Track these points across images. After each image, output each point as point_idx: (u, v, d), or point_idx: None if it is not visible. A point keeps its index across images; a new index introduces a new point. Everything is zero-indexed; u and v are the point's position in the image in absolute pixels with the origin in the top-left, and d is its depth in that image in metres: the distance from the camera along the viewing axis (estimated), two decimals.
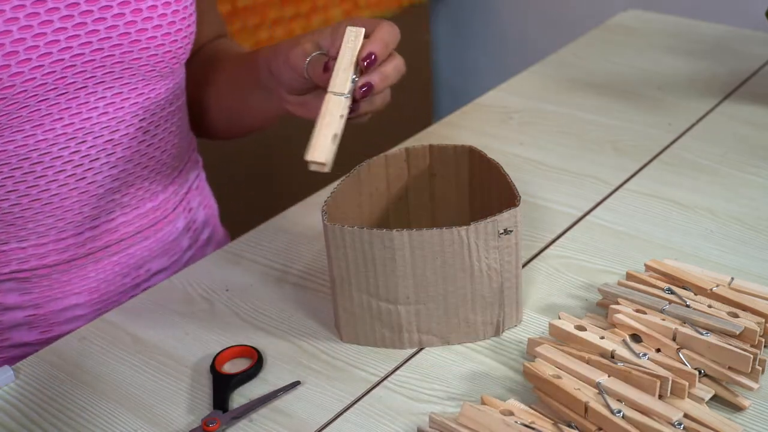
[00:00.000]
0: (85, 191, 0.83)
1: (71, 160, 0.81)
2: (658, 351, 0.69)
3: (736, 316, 0.71)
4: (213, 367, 0.75)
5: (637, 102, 1.16)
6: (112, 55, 0.79)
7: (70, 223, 0.83)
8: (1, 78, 0.72)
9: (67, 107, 0.78)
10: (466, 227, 0.71)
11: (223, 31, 1.03)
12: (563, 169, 1.02)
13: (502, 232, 0.72)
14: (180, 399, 0.73)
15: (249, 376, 0.74)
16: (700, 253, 0.85)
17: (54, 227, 0.83)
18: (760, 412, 0.67)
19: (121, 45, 0.79)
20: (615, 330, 0.71)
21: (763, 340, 0.69)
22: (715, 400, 0.67)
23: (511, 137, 1.10)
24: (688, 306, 0.72)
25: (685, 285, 0.76)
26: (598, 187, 0.98)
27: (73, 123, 0.79)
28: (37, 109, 0.77)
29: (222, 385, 0.73)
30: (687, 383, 0.65)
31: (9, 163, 0.78)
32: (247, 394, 0.73)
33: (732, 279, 0.76)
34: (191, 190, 0.97)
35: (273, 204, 1.14)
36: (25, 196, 0.80)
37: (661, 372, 0.65)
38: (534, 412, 0.66)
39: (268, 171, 1.94)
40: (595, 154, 1.05)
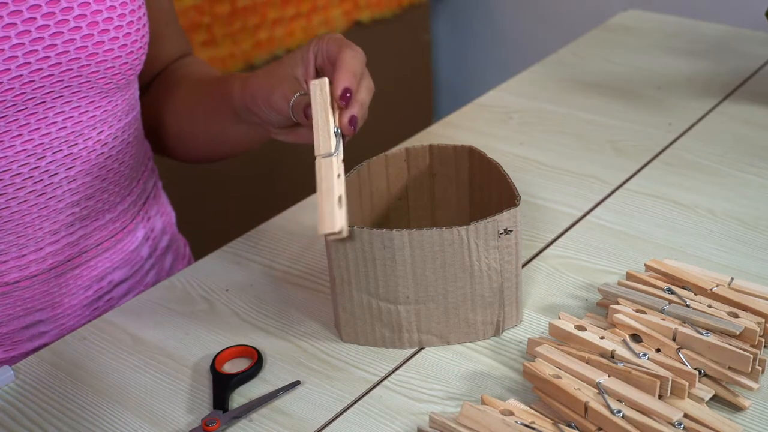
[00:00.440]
0: (45, 206, 0.82)
1: (31, 176, 0.80)
2: (658, 351, 0.69)
3: (736, 316, 0.71)
4: (213, 367, 0.75)
5: (637, 102, 1.16)
6: (69, 69, 0.78)
7: (31, 239, 0.82)
8: None
9: (26, 123, 0.78)
10: (466, 227, 0.71)
11: (187, 50, 1.01)
12: (563, 169, 1.02)
13: (502, 232, 0.72)
14: (180, 399, 0.73)
15: (249, 376, 0.74)
16: (700, 253, 0.85)
17: (15, 244, 0.81)
18: (760, 412, 0.67)
19: (78, 59, 0.78)
20: (615, 330, 0.71)
21: (763, 340, 0.69)
22: (715, 400, 0.67)
23: (511, 137, 1.10)
24: (688, 306, 0.72)
25: (685, 285, 0.76)
26: (598, 187, 0.98)
27: (32, 139, 0.78)
28: None
29: (222, 385, 0.73)
30: (687, 383, 0.65)
31: None
32: (247, 394, 0.73)
33: (732, 279, 0.76)
34: (149, 200, 0.97)
35: (273, 204, 1.14)
36: None
37: (661, 372, 0.65)
38: (534, 412, 0.66)
39: (268, 171, 1.94)
40: (595, 154, 1.05)
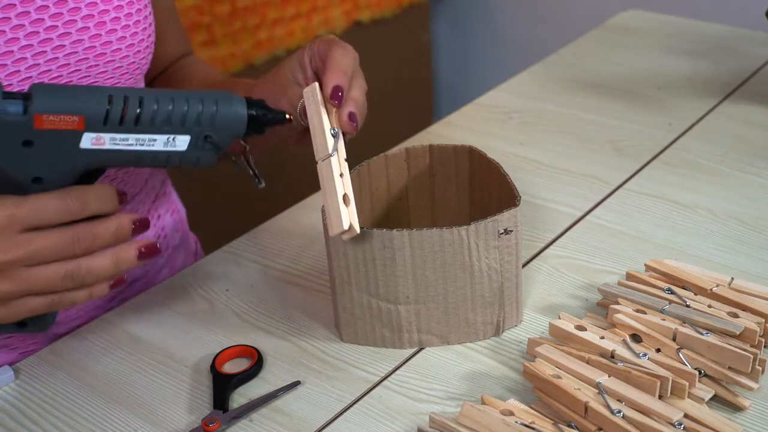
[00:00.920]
0: None
1: None
2: (658, 351, 0.69)
3: (736, 316, 0.71)
4: (213, 367, 0.75)
5: (637, 102, 1.16)
6: (78, 70, 0.78)
7: None
8: None
9: None
10: (466, 227, 0.71)
11: (188, 49, 1.01)
12: (563, 169, 1.02)
13: (502, 232, 0.72)
14: (180, 399, 0.73)
15: (249, 376, 0.74)
16: (700, 253, 0.85)
17: None
18: (760, 412, 0.67)
19: (87, 59, 0.78)
20: (615, 330, 0.71)
21: (763, 340, 0.69)
22: (715, 400, 0.67)
23: (511, 137, 1.10)
24: (688, 306, 0.72)
25: (685, 285, 0.76)
26: (598, 187, 0.98)
27: None
28: None
29: (222, 385, 0.73)
30: (687, 383, 0.65)
31: None
32: (247, 394, 0.73)
33: (732, 279, 0.76)
34: (158, 197, 0.97)
35: (273, 204, 1.14)
36: None
37: (661, 372, 0.65)
38: (534, 412, 0.66)
39: (268, 171, 1.94)
40: (595, 154, 1.05)
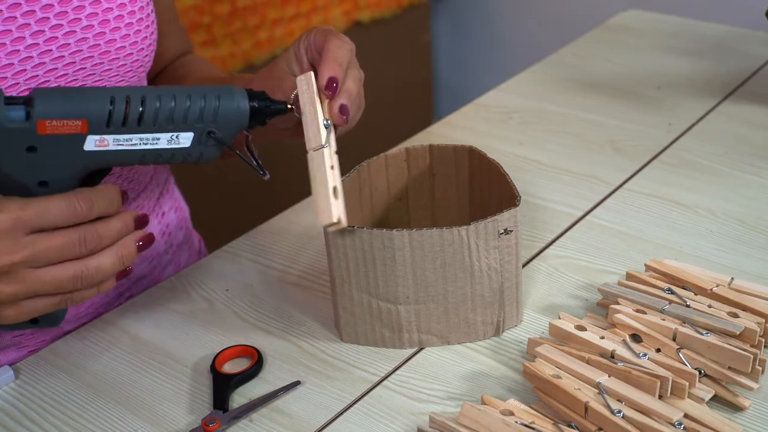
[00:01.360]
0: None
1: None
2: (658, 351, 0.69)
3: (736, 316, 0.71)
4: (213, 367, 0.75)
5: (637, 102, 1.16)
6: (83, 68, 0.79)
7: None
8: None
9: None
10: (466, 227, 0.71)
11: (188, 47, 1.02)
12: (563, 169, 1.02)
13: (502, 232, 0.72)
14: (180, 399, 0.73)
15: (249, 376, 0.74)
16: (700, 253, 0.85)
17: None
18: (760, 412, 0.67)
19: (92, 57, 0.79)
20: (615, 330, 0.71)
21: (763, 340, 0.69)
22: (715, 400, 0.67)
23: (511, 137, 1.10)
24: (688, 306, 0.72)
25: (685, 285, 0.76)
26: (598, 187, 0.98)
27: None
28: None
29: (222, 385, 0.73)
30: (687, 383, 0.65)
31: None
32: (247, 394, 0.73)
33: (732, 279, 0.76)
34: (162, 195, 0.97)
35: (273, 204, 1.14)
36: None
37: (661, 372, 0.65)
38: (534, 412, 0.66)
39: (268, 171, 1.94)
40: (595, 154, 1.05)
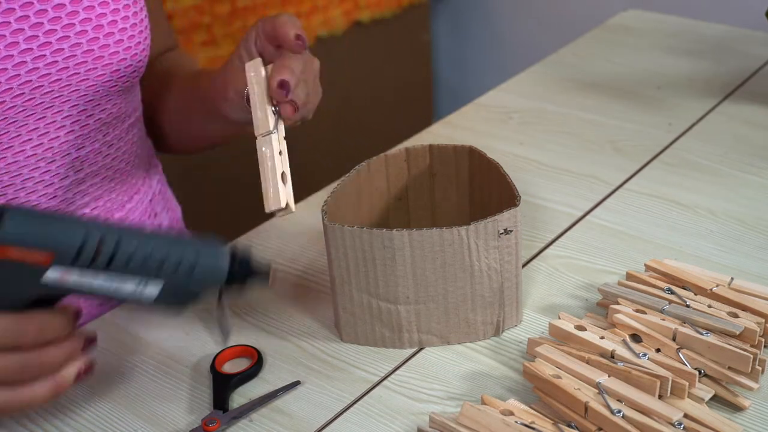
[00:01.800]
0: (57, 209, 0.83)
1: (42, 180, 0.81)
2: (658, 351, 0.69)
3: (736, 316, 0.71)
4: (213, 367, 0.75)
5: (637, 102, 1.16)
6: (77, 73, 0.79)
7: None
8: None
9: (35, 128, 0.78)
10: (466, 227, 0.71)
11: (172, 44, 1.01)
12: (563, 169, 1.02)
13: (502, 232, 0.72)
14: (180, 399, 0.73)
15: (249, 376, 0.74)
16: (700, 253, 0.85)
17: None
18: (760, 412, 0.67)
19: (85, 62, 0.79)
20: (615, 330, 0.71)
21: (763, 340, 0.69)
22: (715, 400, 0.67)
23: (511, 137, 1.10)
24: (688, 306, 0.72)
25: (685, 285, 0.76)
26: (598, 187, 0.98)
27: (42, 143, 0.79)
28: (6, 132, 0.77)
29: (222, 385, 0.73)
30: (687, 383, 0.65)
31: None
32: (247, 394, 0.73)
33: (732, 279, 0.76)
34: (155, 196, 0.97)
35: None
36: None
37: (661, 372, 0.65)
38: (534, 412, 0.66)
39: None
40: (595, 154, 1.05)
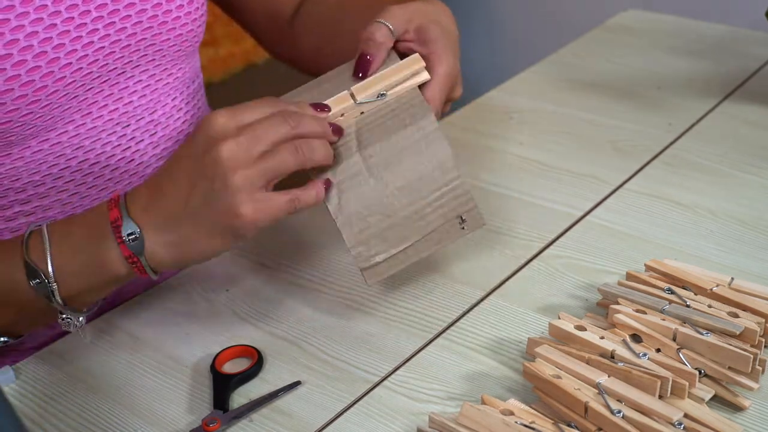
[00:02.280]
0: (135, 172, 0.87)
1: (119, 144, 0.85)
2: (659, 351, 0.69)
3: (736, 316, 0.70)
4: (213, 367, 0.75)
5: (637, 102, 1.16)
6: (144, 39, 0.83)
7: None
8: (53, 71, 0.76)
9: (110, 93, 0.83)
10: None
11: None
12: (563, 169, 1.02)
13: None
14: (180, 399, 0.73)
15: (249, 376, 0.74)
16: (700, 253, 0.85)
17: None
18: (760, 412, 0.67)
19: (151, 27, 0.83)
20: (615, 330, 0.71)
21: (763, 340, 0.69)
22: (715, 400, 0.67)
23: (511, 137, 1.10)
24: (688, 306, 0.72)
25: (685, 285, 0.76)
26: (598, 187, 0.98)
27: (117, 108, 0.84)
28: (85, 99, 0.81)
29: (222, 385, 0.73)
30: (687, 383, 0.65)
31: (64, 154, 0.82)
32: (247, 394, 0.73)
33: (732, 279, 0.76)
34: None
35: None
36: (82, 184, 0.84)
37: (662, 372, 0.65)
38: (534, 412, 0.66)
39: None
40: (595, 154, 1.05)
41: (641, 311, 0.72)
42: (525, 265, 0.85)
